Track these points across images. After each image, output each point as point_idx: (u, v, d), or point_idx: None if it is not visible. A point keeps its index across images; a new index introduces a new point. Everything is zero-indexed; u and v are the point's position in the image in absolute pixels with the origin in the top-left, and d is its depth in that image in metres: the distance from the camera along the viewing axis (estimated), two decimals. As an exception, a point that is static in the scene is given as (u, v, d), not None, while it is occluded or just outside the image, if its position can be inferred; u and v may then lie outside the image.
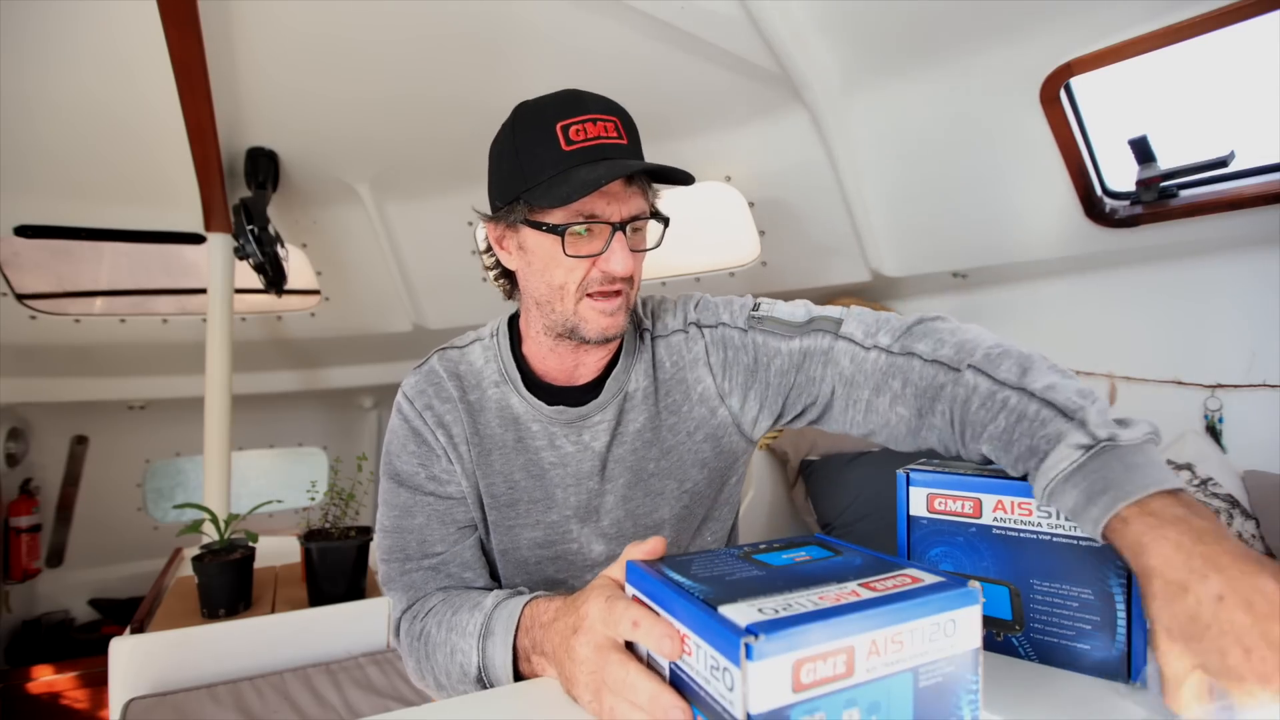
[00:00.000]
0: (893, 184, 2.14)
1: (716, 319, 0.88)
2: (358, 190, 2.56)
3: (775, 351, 0.84)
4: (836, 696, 0.42)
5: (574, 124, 0.73)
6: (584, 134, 0.72)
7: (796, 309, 0.87)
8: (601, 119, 0.74)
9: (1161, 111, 1.86)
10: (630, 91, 2.07)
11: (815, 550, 0.57)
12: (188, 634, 1.48)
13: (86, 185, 2.33)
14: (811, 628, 0.41)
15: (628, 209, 0.76)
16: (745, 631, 0.40)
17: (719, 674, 0.43)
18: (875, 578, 0.49)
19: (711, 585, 0.48)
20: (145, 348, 2.96)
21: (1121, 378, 2.07)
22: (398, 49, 1.84)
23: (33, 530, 3.08)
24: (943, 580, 0.49)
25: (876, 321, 0.80)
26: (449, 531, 0.84)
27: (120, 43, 1.76)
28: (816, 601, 0.45)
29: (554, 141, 0.73)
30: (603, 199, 0.74)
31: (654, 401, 0.87)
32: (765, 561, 0.54)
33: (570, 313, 0.77)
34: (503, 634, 0.69)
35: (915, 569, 0.51)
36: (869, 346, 0.78)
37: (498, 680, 0.69)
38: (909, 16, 1.66)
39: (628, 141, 0.76)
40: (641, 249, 0.80)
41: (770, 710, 0.40)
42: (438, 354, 0.88)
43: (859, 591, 0.47)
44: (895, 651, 0.44)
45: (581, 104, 0.75)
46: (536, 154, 0.74)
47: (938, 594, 0.46)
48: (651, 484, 0.87)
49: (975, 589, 0.47)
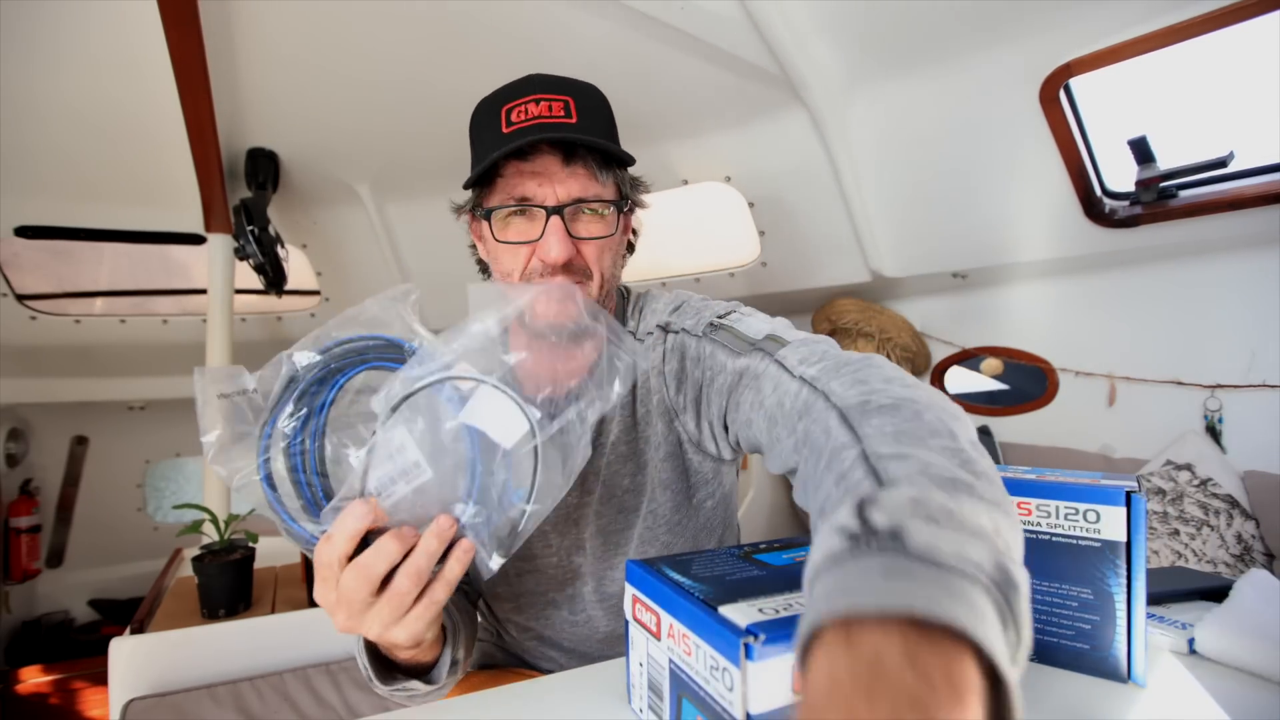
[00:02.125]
0: (893, 184, 2.14)
1: (681, 324, 0.79)
2: (358, 191, 2.56)
3: (720, 368, 0.74)
4: None
5: (516, 105, 0.69)
6: (525, 114, 0.68)
7: (762, 324, 0.74)
8: (547, 99, 0.69)
9: (1161, 112, 1.86)
10: (631, 92, 2.08)
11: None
12: (188, 634, 1.48)
13: (87, 186, 2.33)
14: None
15: (566, 190, 0.70)
16: (745, 632, 0.41)
17: (719, 674, 0.43)
18: None
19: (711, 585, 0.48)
20: (145, 348, 2.96)
21: (1121, 378, 2.07)
22: (398, 49, 1.84)
23: (32, 531, 3.08)
24: None
25: (824, 355, 0.65)
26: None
27: (120, 43, 1.76)
28: None
29: (497, 125, 0.70)
30: (534, 179, 0.69)
31: (630, 411, 0.81)
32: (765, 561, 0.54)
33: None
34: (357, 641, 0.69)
35: None
36: (796, 375, 0.63)
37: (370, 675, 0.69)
38: (909, 17, 1.66)
39: (577, 120, 0.69)
40: (593, 236, 0.72)
41: (770, 710, 0.40)
42: None
43: None
44: None
45: (529, 85, 0.71)
46: (483, 139, 0.72)
47: None
48: (626, 500, 0.82)
49: None
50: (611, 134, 0.75)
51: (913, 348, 2.55)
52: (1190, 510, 1.77)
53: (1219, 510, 1.75)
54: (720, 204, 2.54)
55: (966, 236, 2.18)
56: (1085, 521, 0.61)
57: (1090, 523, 0.61)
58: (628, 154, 0.73)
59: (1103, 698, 0.58)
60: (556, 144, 0.69)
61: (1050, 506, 0.63)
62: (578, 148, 0.70)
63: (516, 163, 0.70)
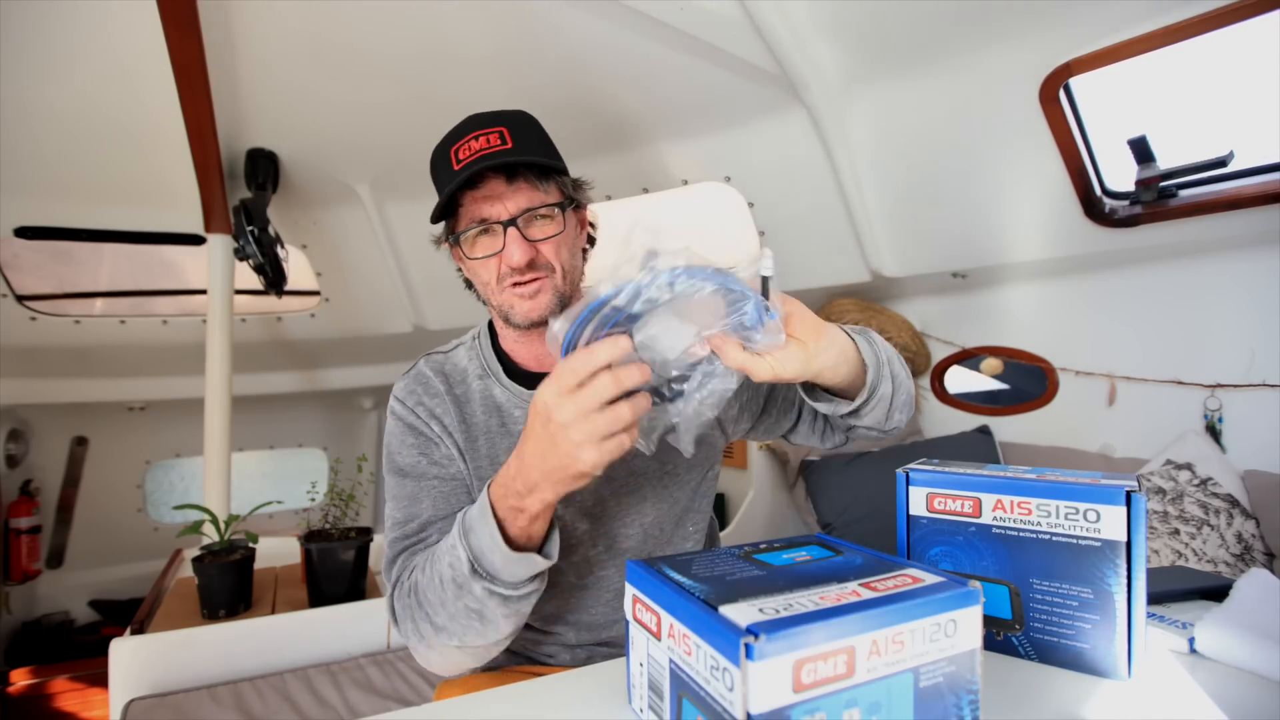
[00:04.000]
0: (892, 184, 2.14)
1: None
2: (357, 191, 2.56)
3: None
4: (837, 697, 0.42)
5: (461, 145, 0.81)
6: (469, 150, 0.81)
7: None
8: (484, 132, 0.81)
9: (1161, 111, 1.86)
10: (630, 92, 2.08)
11: (816, 550, 0.58)
12: (188, 635, 1.48)
13: (87, 186, 2.33)
14: (812, 628, 0.41)
15: (515, 204, 0.82)
16: (745, 632, 0.41)
17: (719, 674, 0.43)
18: (876, 578, 0.50)
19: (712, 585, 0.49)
20: (145, 349, 2.96)
21: (1121, 378, 2.07)
22: (397, 50, 1.85)
23: (33, 531, 3.08)
24: (943, 580, 0.49)
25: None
26: (452, 510, 0.87)
27: (120, 44, 1.76)
28: (817, 602, 0.45)
29: (448, 164, 0.82)
30: (486, 202, 0.82)
31: None
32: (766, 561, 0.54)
33: (501, 303, 0.86)
34: (480, 519, 0.71)
35: (916, 569, 0.51)
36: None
37: (492, 560, 0.70)
38: (908, 17, 1.66)
39: (513, 145, 0.81)
40: (548, 236, 0.84)
41: (771, 710, 0.40)
42: (424, 358, 0.95)
43: (860, 591, 0.47)
44: (896, 652, 0.44)
45: (469, 124, 0.83)
46: (440, 179, 0.84)
47: (939, 594, 0.46)
48: (634, 464, 0.92)
49: (976, 589, 0.47)
50: (548, 149, 0.87)
51: (913, 348, 2.55)
52: (1190, 510, 1.77)
53: (1219, 510, 1.75)
54: (720, 204, 2.54)
55: (966, 236, 2.18)
56: (1085, 521, 0.61)
57: (1090, 522, 0.61)
58: (560, 163, 0.86)
59: (1103, 697, 0.58)
60: (498, 168, 0.81)
61: (1050, 506, 0.63)
62: (517, 167, 0.82)
63: (470, 192, 0.82)
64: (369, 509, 3.75)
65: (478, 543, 0.71)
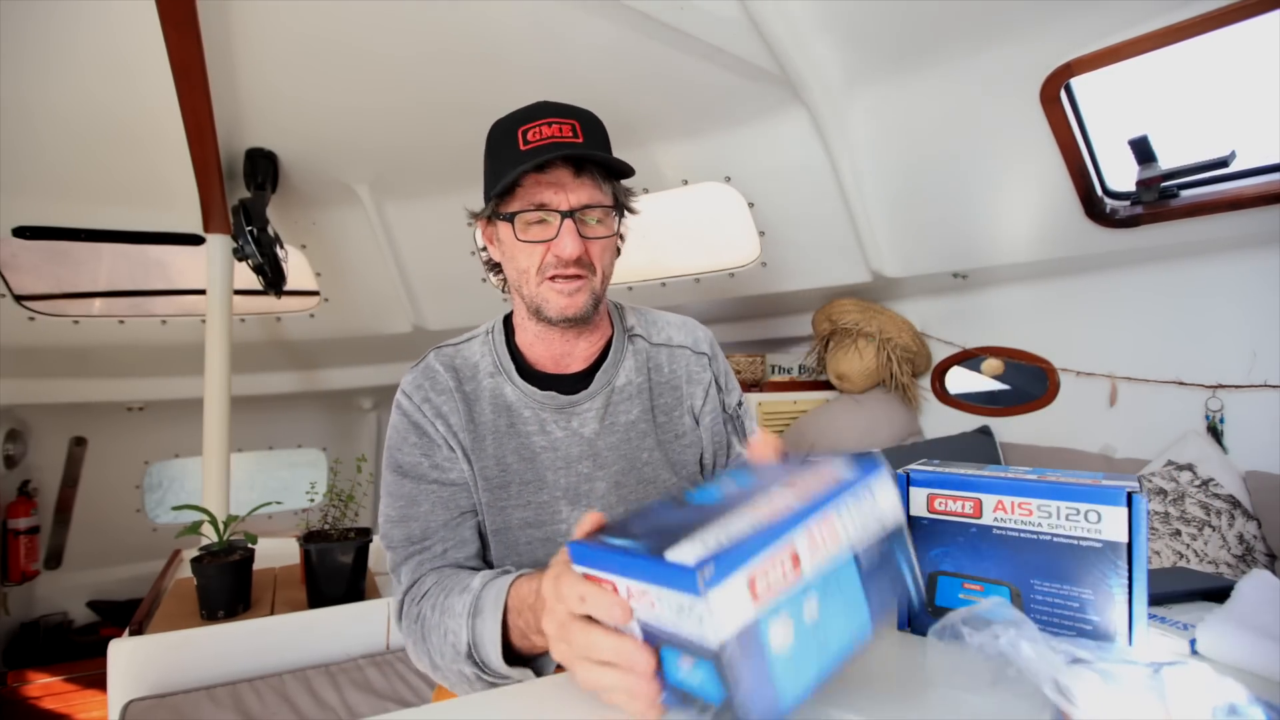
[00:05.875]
0: (893, 184, 2.14)
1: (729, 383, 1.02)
2: (357, 191, 2.55)
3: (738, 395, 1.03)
4: (795, 595, 0.47)
5: (531, 127, 0.82)
6: (539, 135, 0.82)
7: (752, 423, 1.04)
8: (558, 121, 0.82)
9: (1161, 111, 1.86)
10: (630, 92, 2.08)
11: (740, 476, 0.61)
12: (187, 636, 1.48)
13: (85, 186, 2.33)
14: (753, 541, 0.45)
15: (577, 198, 0.83)
16: (697, 567, 0.43)
17: (686, 613, 0.45)
18: (794, 478, 0.55)
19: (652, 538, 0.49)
20: (144, 349, 2.95)
21: (1122, 378, 2.07)
22: (397, 50, 1.84)
23: (31, 532, 3.08)
24: (848, 458, 0.56)
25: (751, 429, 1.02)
26: (452, 517, 0.87)
27: (119, 44, 1.76)
28: (753, 520, 0.48)
29: (514, 144, 0.83)
30: (550, 189, 0.82)
31: (648, 399, 0.95)
32: (697, 501, 0.55)
33: (535, 294, 0.86)
34: (491, 611, 0.72)
35: (823, 456, 0.58)
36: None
37: (487, 655, 0.72)
38: (909, 17, 1.66)
39: (584, 140, 0.82)
40: (598, 236, 0.85)
41: (741, 628, 0.43)
42: (434, 351, 0.94)
43: (784, 495, 0.51)
44: (832, 539, 0.50)
45: (541, 110, 0.84)
46: (502, 156, 0.84)
47: (849, 472, 0.55)
48: (645, 472, 0.93)
49: (876, 455, 0.55)
50: (610, 152, 0.87)
51: (913, 348, 2.55)
52: (1192, 511, 1.77)
53: (1220, 510, 1.74)
54: (720, 204, 2.54)
55: (967, 236, 2.18)
56: (1086, 522, 0.61)
57: (1091, 523, 0.61)
58: (628, 165, 0.85)
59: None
60: (569, 159, 0.82)
61: (1051, 507, 0.63)
62: (586, 162, 0.83)
63: (534, 175, 0.82)
64: (368, 510, 3.74)
65: (480, 631, 0.72)
